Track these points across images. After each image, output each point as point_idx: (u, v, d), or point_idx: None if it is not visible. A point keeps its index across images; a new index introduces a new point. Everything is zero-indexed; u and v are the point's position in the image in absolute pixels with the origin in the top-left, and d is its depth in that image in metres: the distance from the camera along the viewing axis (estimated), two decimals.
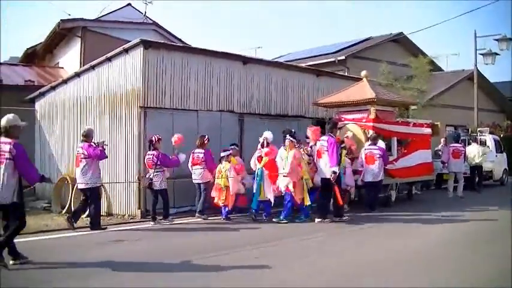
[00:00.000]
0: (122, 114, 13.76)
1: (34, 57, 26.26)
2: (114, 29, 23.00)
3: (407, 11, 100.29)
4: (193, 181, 13.01)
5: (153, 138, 12.22)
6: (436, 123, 17.61)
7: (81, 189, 11.46)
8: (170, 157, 12.26)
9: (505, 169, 23.80)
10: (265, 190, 12.51)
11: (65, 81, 16.49)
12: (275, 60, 21.60)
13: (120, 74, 13.98)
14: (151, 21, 25.44)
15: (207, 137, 13.09)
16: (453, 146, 18.24)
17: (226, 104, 15.08)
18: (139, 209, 12.99)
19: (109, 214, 13.60)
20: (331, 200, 12.52)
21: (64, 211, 14.28)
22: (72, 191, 14.29)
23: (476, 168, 19.92)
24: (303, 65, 21.70)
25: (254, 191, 12.62)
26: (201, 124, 14.26)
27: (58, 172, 16.22)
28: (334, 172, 11.93)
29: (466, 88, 30.10)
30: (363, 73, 16.44)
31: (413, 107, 20.88)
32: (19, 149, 7.82)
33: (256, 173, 12.69)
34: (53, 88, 17.05)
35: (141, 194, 12.96)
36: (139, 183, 12.81)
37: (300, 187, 12.28)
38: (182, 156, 12.39)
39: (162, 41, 16.42)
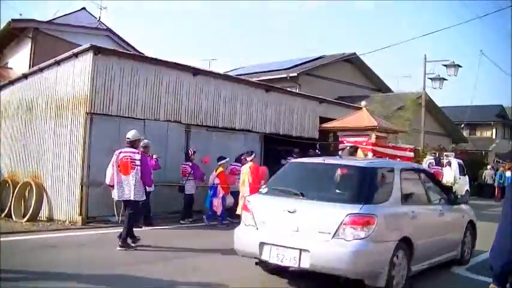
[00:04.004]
0: (68, 119, 13.63)
1: None
2: (67, 32, 22.76)
3: (361, 32, 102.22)
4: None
5: (190, 151, 14.28)
6: (417, 148, 20.42)
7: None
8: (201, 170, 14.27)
9: (467, 190, 25.61)
10: None
11: (12, 82, 16.30)
12: (226, 73, 21.71)
13: (68, 78, 13.86)
14: (105, 27, 25.28)
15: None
16: (434, 168, 20.05)
17: (173, 114, 15.09)
18: (80, 215, 12.80)
19: (49, 219, 13.47)
20: None
21: (4, 214, 14.10)
22: (12, 194, 14.16)
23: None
24: (254, 79, 21.91)
25: None
26: (148, 133, 14.25)
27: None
28: None
29: (414, 110, 30.84)
30: (363, 103, 18.69)
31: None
32: (144, 158, 10.29)
33: None
34: None
35: (83, 200, 12.83)
36: (81, 188, 12.79)
37: None
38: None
39: (113, 48, 16.36)
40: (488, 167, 30.88)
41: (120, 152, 10.01)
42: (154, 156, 12.99)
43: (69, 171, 13.35)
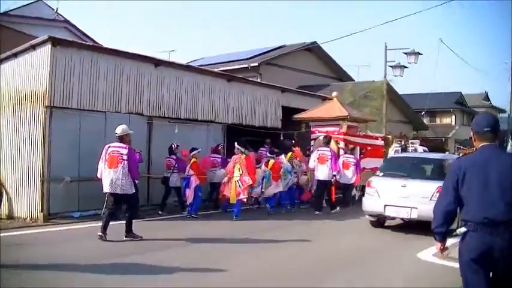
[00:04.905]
0: (27, 113, 13.30)
1: None
2: (25, 24, 22.19)
3: (322, 21, 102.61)
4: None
5: (173, 145, 14.41)
6: (388, 136, 21.54)
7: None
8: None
9: None
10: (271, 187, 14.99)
11: None
12: (187, 64, 21.51)
13: (26, 71, 13.53)
14: (63, 19, 24.78)
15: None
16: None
17: (135, 106, 14.87)
18: (41, 212, 12.52)
19: (10, 217, 13.13)
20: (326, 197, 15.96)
21: None
22: None
23: None
24: (216, 70, 21.78)
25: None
26: (109, 126, 13.91)
27: None
28: (335, 175, 15.64)
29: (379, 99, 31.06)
30: (334, 93, 19.56)
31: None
32: (131, 152, 10.36)
33: (265, 174, 14.84)
34: None
35: (44, 196, 12.55)
36: (42, 184, 12.52)
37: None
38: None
39: (72, 39, 16.01)
40: (447, 152, 31.36)
41: (109, 147, 10.35)
42: (137, 150, 12.65)
43: (29, 167, 13.06)
